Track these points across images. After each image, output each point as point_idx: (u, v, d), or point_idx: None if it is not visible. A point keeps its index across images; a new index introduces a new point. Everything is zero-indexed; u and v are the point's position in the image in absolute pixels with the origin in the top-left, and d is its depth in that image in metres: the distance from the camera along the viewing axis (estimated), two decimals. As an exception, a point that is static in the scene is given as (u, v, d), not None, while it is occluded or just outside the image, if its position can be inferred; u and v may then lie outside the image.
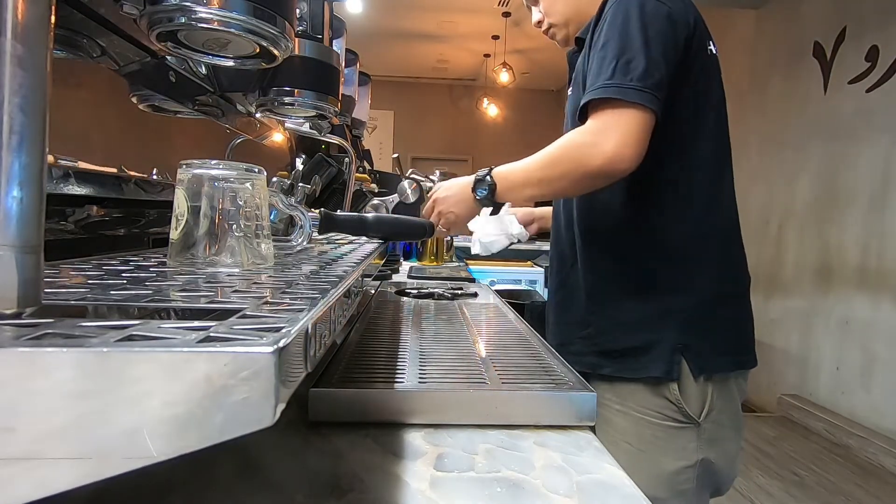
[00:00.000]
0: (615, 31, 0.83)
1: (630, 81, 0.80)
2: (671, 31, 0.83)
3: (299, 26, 0.72)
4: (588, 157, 0.82)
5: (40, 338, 0.19)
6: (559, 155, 0.87)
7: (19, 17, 0.19)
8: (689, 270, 0.89)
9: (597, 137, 0.82)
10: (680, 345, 0.86)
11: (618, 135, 0.80)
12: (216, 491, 0.41)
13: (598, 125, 0.83)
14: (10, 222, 0.19)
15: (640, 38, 0.81)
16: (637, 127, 0.80)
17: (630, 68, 0.80)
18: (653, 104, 0.80)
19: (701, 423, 0.86)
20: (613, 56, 0.82)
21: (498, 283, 2.79)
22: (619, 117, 0.81)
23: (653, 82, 0.80)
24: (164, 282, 0.36)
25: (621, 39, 0.82)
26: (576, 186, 0.88)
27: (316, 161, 1.21)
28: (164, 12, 0.44)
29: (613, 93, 0.80)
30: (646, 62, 0.80)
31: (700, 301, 0.88)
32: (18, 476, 0.17)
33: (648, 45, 0.81)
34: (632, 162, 0.81)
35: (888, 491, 2.32)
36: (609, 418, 0.90)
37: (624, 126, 0.80)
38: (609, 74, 0.81)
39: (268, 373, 0.19)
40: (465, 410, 0.53)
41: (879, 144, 2.80)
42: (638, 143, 0.81)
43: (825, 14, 3.17)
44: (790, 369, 3.30)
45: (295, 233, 0.67)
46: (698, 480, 0.86)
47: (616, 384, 0.90)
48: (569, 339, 0.99)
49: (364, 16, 4.99)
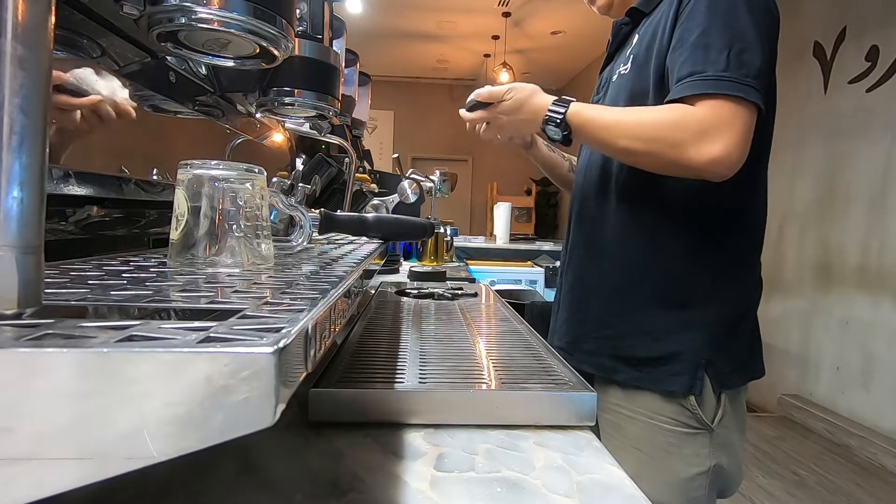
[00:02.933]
0: (718, 15, 0.74)
1: (746, 77, 0.72)
2: (775, 27, 0.77)
3: (299, 26, 0.72)
4: (689, 148, 0.74)
5: (41, 338, 0.19)
6: (656, 133, 0.77)
7: (19, 17, 0.19)
8: (721, 284, 0.84)
9: (706, 131, 0.73)
10: (703, 360, 0.82)
11: (731, 135, 0.72)
12: (216, 491, 0.41)
13: (710, 117, 0.73)
14: (10, 223, 0.19)
15: (753, 29, 0.73)
16: (750, 130, 0.73)
17: (744, 61, 0.72)
18: (764, 106, 0.73)
19: (714, 428, 0.83)
20: (724, 45, 0.73)
21: (498, 283, 2.80)
22: (735, 115, 0.72)
23: (765, 82, 0.73)
24: (164, 282, 0.36)
25: (730, 27, 0.74)
26: (658, 169, 0.80)
27: (316, 161, 1.21)
28: (164, 12, 0.44)
29: (731, 88, 0.72)
30: (761, 58, 0.73)
31: (726, 315, 0.84)
32: (18, 476, 0.17)
33: (762, 39, 0.73)
34: (734, 168, 0.74)
35: (888, 491, 2.32)
36: (620, 425, 0.87)
37: (738, 126, 0.73)
38: (723, 65, 0.73)
39: (268, 373, 0.19)
40: (465, 410, 0.53)
41: (879, 144, 2.80)
42: (745, 148, 0.73)
43: (825, 14, 3.17)
44: (790, 369, 3.30)
45: (295, 233, 0.67)
46: (710, 486, 0.84)
47: (630, 391, 0.87)
48: (582, 336, 0.94)
49: (364, 16, 5.00)
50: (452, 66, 6.87)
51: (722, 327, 0.84)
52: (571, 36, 5.54)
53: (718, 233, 0.84)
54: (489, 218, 5.98)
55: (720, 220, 0.84)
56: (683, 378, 0.82)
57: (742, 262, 0.86)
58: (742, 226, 0.86)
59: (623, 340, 0.88)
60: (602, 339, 0.91)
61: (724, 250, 0.85)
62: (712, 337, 0.83)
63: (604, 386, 0.90)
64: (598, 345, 0.91)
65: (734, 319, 0.85)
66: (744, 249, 0.86)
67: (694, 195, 0.83)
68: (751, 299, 0.89)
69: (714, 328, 0.83)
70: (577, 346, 0.95)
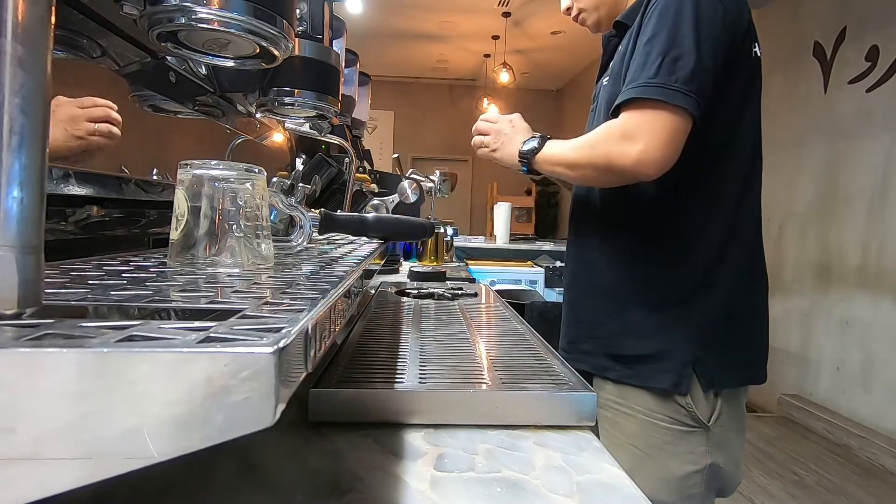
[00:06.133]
0: (665, 24, 0.78)
1: (675, 82, 0.76)
2: (724, 32, 0.79)
3: (299, 26, 0.72)
4: (617, 154, 0.79)
5: (41, 338, 0.19)
6: (593, 144, 0.83)
7: (19, 17, 0.19)
8: (711, 281, 0.85)
9: (629, 136, 0.78)
10: (692, 358, 0.84)
11: (650, 138, 0.77)
12: (216, 491, 0.41)
13: (632, 124, 0.79)
14: (10, 223, 0.19)
15: (692, 36, 0.76)
16: (672, 132, 0.77)
17: (676, 67, 0.76)
18: (694, 109, 0.76)
19: (710, 427, 0.84)
20: (660, 52, 0.77)
21: (498, 283, 2.80)
22: (656, 119, 0.77)
23: (697, 86, 0.76)
24: (164, 282, 0.36)
25: (671, 34, 0.77)
26: (600, 178, 0.86)
27: (316, 161, 1.21)
28: (164, 13, 0.44)
29: (655, 93, 0.76)
30: (694, 63, 0.76)
31: (717, 314, 0.85)
32: (18, 476, 0.17)
33: (699, 45, 0.76)
34: (658, 168, 0.77)
35: (888, 491, 2.32)
36: (616, 421, 0.89)
37: (658, 129, 0.77)
38: (653, 72, 0.77)
39: (268, 373, 0.19)
40: (465, 410, 0.53)
41: (879, 144, 2.80)
42: (669, 149, 0.77)
43: (825, 14, 3.17)
44: (790, 369, 3.30)
45: (295, 233, 0.67)
46: (706, 485, 0.85)
47: (623, 387, 0.89)
48: (579, 337, 0.97)
49: (364, 16, 4.99)
50: (452, 66, 6.87)
51: (713, 326, 0.85)
52: (571, 36, 5.54)
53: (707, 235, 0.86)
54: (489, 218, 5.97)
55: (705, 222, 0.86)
56: (671, 376, 0.84)
57: (731, 262, 0.86)
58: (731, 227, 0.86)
59: (614, 339, 0.91)
60: (595, 338, 0.94)
61: (707, 251, 0.86)
62: (700, 335, 0.85)
63: (601, 384, 0.92)
64: (593, 344, 0.94)
65: (727, 319, 0.86)
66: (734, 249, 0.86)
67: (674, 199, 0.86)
68: (748, 300, 0.89)
69: (703, 326, 0.85)
70: (574, 346, 0.98)
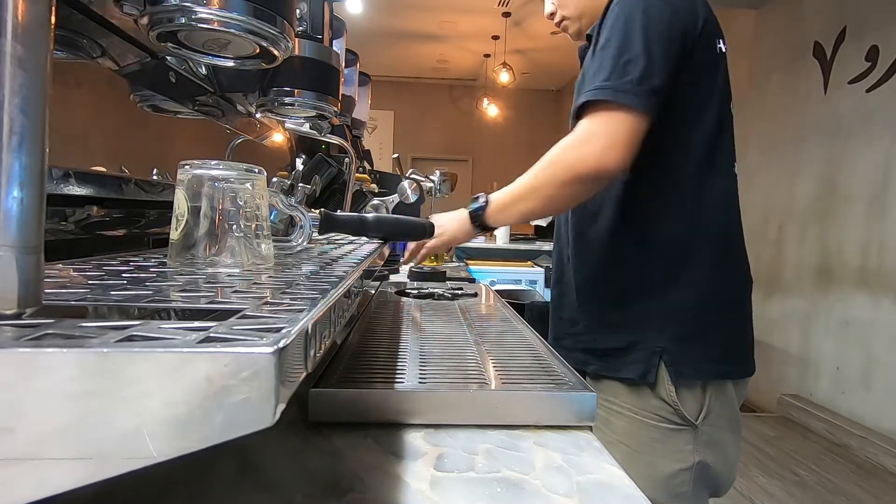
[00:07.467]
0: (617, 30, 0.81)
1: (627, 83, 0.78)
2: (675, 32, 0.81)
3: (299, 26, 0.72)
4: (574, 160, 0.81)
5: (41, 338, 0.19)
6: (547, 161, 0.85)
7: (19, 17, 0.19)
8: (676, 274, 0.87)
9: (585, 140, 0.80)
10: (659, 348, 0.85)
11: (605, 138, 0.79)
12: (216, 491, 0.41)
13: (587, 128, 0.81)
14: (10, 223, 0.19)
15: (642, 38, 0.79)
16: (627, 130, 0.79)
17: (628, 69, 0.78)
18: (647, 107, 0.78)
19: (698, 425, 0.85)
20: (612, 56, 0.80)
21: (498, 283, 2.80)
22: (609, 120, 0.79)
23: (650, 84, 0.78)
24: (164, 282, 0.36)
25: (622, 39, 0.80)
26: (565, 192, 0.86)
27: (316, 161, 1.21)
28: (164, 13, 0.44)
29: (607, 94, 0.79)
30: (645, 63, 0.78)
31: (687, 305, 0.86)
32: (18, 476, 0.17)
33: (649, 47, 0.79)
34: (618, 166, 0.79)
35: (888, 491, 2.32)
36: (607, 419, 0.90)
37: (613, 129, 0.79)
38: (606, 75, 0.80)
39: (268, 373, 0.19)
40: (465, 410, 0.53)
41: (879, 144, 2.80)
42: (625, 147, 0.79)
43: (825, 14, 3.17)
44: (790, 369, 3.30)
45: (295, 233, 0.67)
46: (695, 483, 0.85)
47: (600, 382, 0.91)
48: (561, 334, 1.00)
49: (364, 16, 4.99)
50: (452, 66, 6.87)
51: (682, 317, 0.86)
52: (571, 36, 5.54)
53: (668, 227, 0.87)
54: (489, 218, 5.96)
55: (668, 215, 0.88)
56: (639, 366, 0.86)
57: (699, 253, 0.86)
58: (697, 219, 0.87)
59: (589, 335, 0.94)
60: (573, 335, 0.97)
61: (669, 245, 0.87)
62: (668, 328, 0.86)
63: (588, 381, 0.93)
64: (572, 341, 0.97)
65: (699, 311, 0.86)
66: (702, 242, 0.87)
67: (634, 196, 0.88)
68: (723, 292, 0.88)
69: (672, 317, 0.86)
70: (558, 343, 1.00)
